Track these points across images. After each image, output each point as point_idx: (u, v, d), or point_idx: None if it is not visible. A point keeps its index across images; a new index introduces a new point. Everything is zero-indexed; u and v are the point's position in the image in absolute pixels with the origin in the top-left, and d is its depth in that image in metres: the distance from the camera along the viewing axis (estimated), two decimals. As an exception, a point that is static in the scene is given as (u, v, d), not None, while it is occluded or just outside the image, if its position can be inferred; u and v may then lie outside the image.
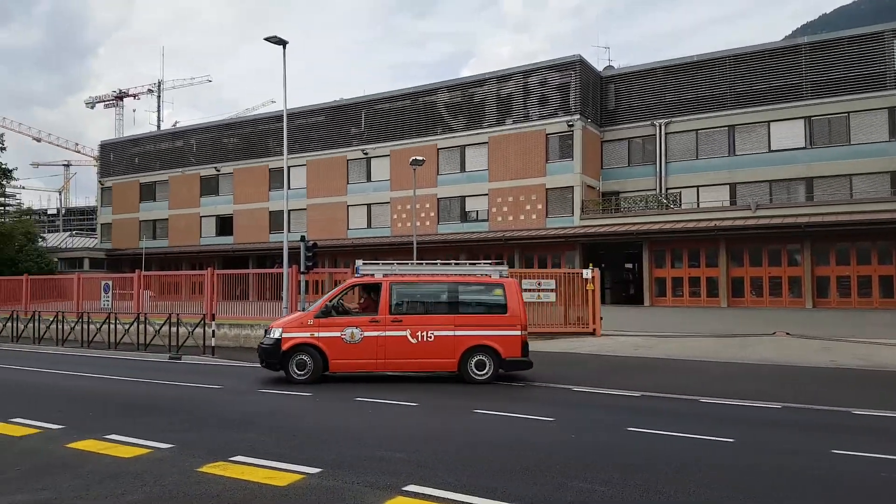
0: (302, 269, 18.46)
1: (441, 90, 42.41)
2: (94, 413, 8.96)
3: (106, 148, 60.59)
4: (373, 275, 12.19)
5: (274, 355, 11.74)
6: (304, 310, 14.54)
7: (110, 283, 23.06)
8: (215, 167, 51.43)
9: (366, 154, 44.48)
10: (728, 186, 36.95)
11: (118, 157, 58.44)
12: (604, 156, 40.61)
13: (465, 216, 41.43)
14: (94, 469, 6.03)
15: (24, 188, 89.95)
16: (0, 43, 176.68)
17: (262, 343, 12.26)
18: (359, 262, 12.53)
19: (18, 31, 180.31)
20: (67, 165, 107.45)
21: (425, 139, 42.21)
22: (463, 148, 41.35)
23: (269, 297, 20.22)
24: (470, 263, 12.76)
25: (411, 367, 11.90)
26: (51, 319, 21.50)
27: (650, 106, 39.14)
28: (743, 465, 6.28)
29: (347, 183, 45.41)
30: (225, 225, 51.16)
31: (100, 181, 60.09)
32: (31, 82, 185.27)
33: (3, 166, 51.48)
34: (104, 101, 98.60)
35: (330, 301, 12.12)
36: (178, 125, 65.02)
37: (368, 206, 44.62)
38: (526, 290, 18.77)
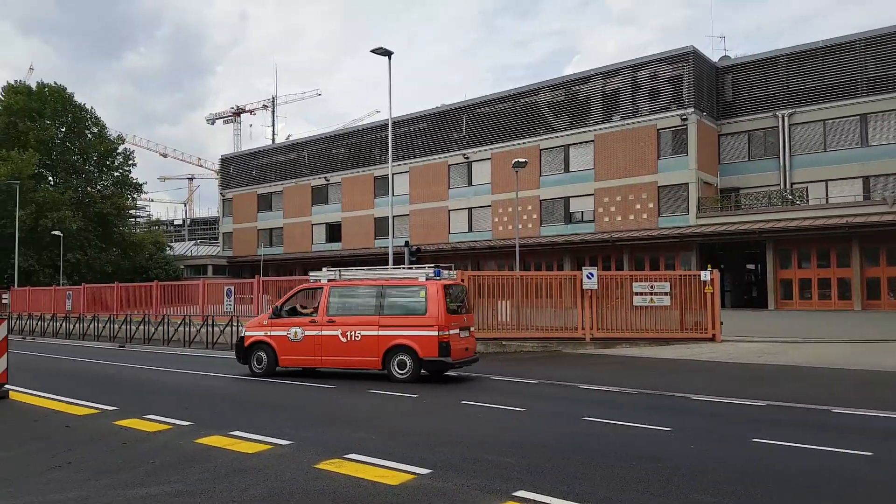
0: (407, 274, 18.74)
1: (544, 90, 41.89)
2: (220, 410, 9.46)
3: (226, 162, 64.66)
4: (319, 280, 13.30)
5: (240, 351, 13.50)
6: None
7: (232, 288, 24.41)
8: (325, 177, 53.55)
9: (467, 158, 44.72)
10: (861, 180, 34.02)
11: (237, 169, 62.17)
12: (721, 150, 38.54)
13: (569, 217, 40.62)
14: (220, 464, 6.33)
15: (153, 201, 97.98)
16: (129, 65, 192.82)
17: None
18: (324, 269, 13.52)
19: (144, 53, 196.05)
20: (191, 179, 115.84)
21: (527, 140, 41.85)
22: (567, 147, 40.59)
23: (376, 301, 20.67)
24: (417, 268, 13.18)
25: (342, 365, 12.75)
26: (178, 322, 23.10)
27: (772, 96, 36.73)
28: (881, 482, 5.72)
29: (448, 188, 45.86)
30: (334, 232, 53.12)
31: (221, 193, 64.18)
32: (157, 101, 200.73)
33: (134, 181, 56.20)
34: (223, 118, 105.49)
35: (281, 304, 13.51)
36: (290, 138, 68.32)
37: (469, 209, 44.81)
38: (637, 294, 18.16)
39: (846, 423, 8.41)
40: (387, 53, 19.63)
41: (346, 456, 6.48)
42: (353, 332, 12.44)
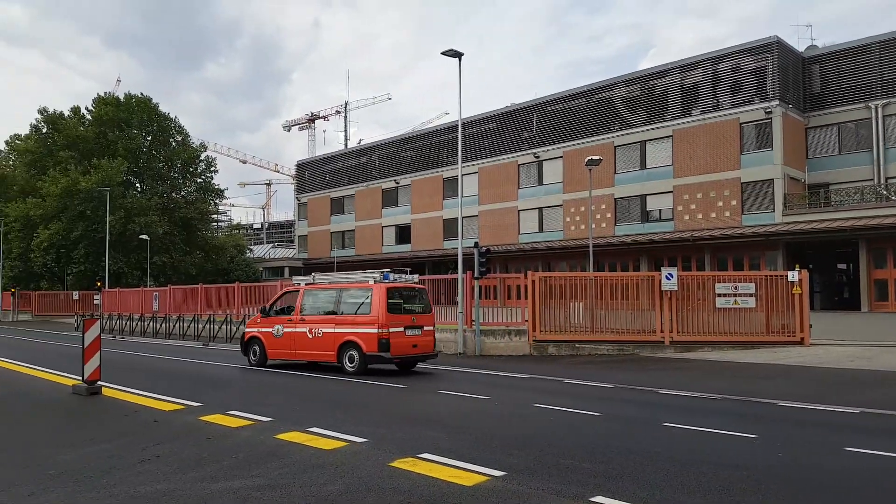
0: (476, 275, 18.73)
1: (618, 85, 40.92)
2: (297, 407, 9.70)
3: (301, 167, 66.56)
4: (299, 284, 15.47)
5: (242, 345, 15.98)
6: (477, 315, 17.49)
7: (306, 288, 25.04)
8: (395, 180, 54.27)
9: (537, 157, 44.25)
10: (966, 173, 31.56)
11: (312, 174, 63.88)
12: (809, 144, 36.55)
13: (646, 216, 39.49)
14: (299, 459, 6.48)
15: (233, 206, 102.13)
16: (210, 75, 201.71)
17: None
18: (313, 274, 15.63)
19: (224, 63, 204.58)
20: (269, 184, 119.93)
21: (601, 137, 40.98)
22: (643, 144, 39.49)
23: (443, 301, 20.76)
24: (371, 272, 14.51)
25: (309, 357, 14.67)
26: (258, 322, 23.89)
27: (864, 86, 34.54)
28: None
29: (518, 188, 45.51)
30: (403, 234, 53.74)
31: (296, 197, 66.10)
32: (236, 110, 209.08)
33: (216, 187, 58.63)
34: (298, 124, 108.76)
35: (270, 305, 15.93)
36: (361, 142, 69.67)
37: (539, 209, 44.31)
38: (720, 295, 17.51)
39: (954, 433, 7.80)
40: (457, 55, 19.68)
41: (419, 455, 6.50)
42: (317, 329, 14.38)
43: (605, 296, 18.32)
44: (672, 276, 17.70)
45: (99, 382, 11.07)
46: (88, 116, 54.24)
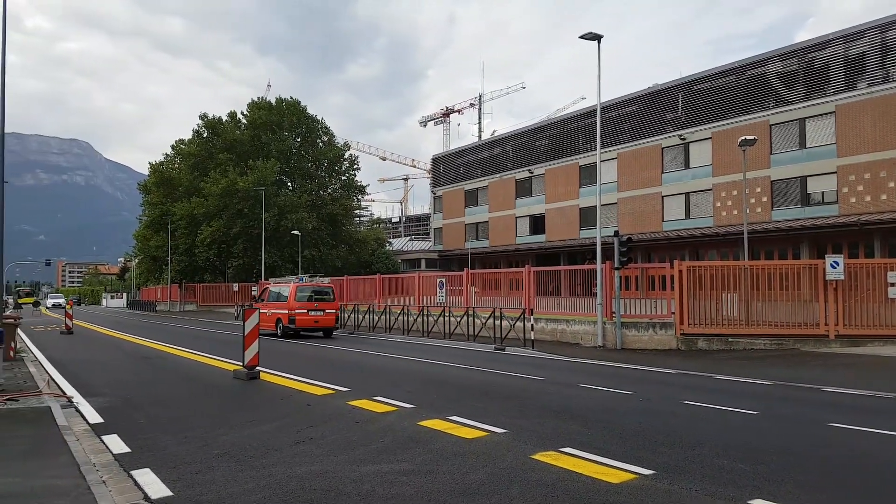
0: (616, 265, 18.06)
1: (773, 60, 37.64)
2: (437, 395, 9.88)
3: (437, 161, 67.95)
4: (269, 282, 24.46)
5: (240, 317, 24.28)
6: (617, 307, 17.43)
7: (444, 280, 25.58)
8: (528, 169, 53.81)
9: (683, 139, 41.85)
10: None
11: (446, 168, 65.04)
12: None
13: (806, 199, 36.11)
14: (442, 447, 6.58)
15: (374, 201, 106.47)
16: (351, 76, 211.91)
17: None
18: (271, 280, 25.13)
19: (364, 64, 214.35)
20: (406, 179, 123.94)
21: (754, 116, 37.97)
22: (802, 121, 36.10)
23: (580, 292, 20.24)
24: (295, 277, 24.30)
25: (266, 328, 21.37)
26: (398, 312, 24.75)
27: None
28: None
29: (662, 172, 43.33)
30: (537, 224, 53.18)
31: (432, 191, 67.59)
32: (375, 108, 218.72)
33: (359, 184, 61.31)
34: (433, 119, 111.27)
35: (258, 296, 25.64)
36: (495, 134, 69.80)
37: (686, 194, 41.90)
38: (893, 285, 15.71)
39: None
40: (596, 38, 18.97)
41: (561, 449, 6.38)
42: (269, 311, 23.28)
43: (762, 286, 16.98)
44: (838, 264, 16.16)
45: (257, 367, 11.95)
46: (244, 120, 58.73)
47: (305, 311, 22.16)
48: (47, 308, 59.40)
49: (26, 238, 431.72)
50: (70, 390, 10.58)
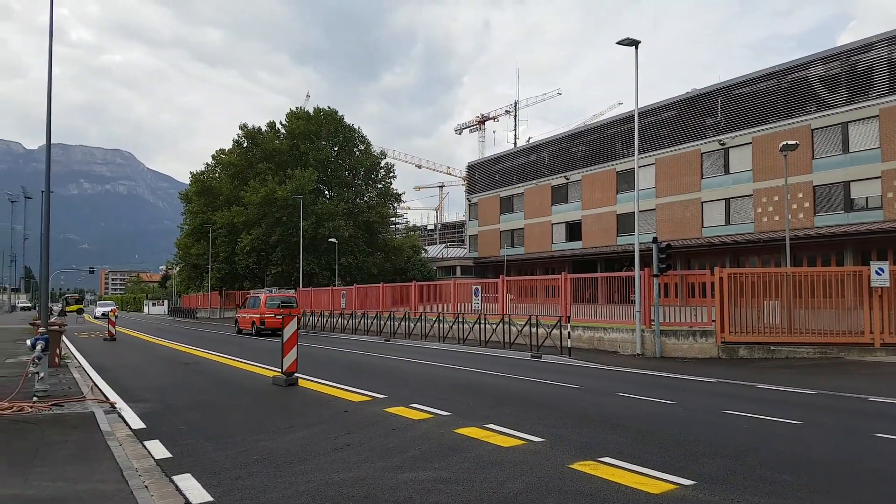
0: (655, 272, 17.78)
1: (814, 63, 36.77)
2: (473, 403, 9.84)
3: (472, 168, 68.01)
4: (249, 292, 32.39)
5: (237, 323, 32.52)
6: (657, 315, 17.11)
7: (479, 287, 25.52)
8: (565, 176, 53.47)
9: (723, 144, 41.09)
10: None
11: (482, 175, 65.03)
12: None
13: (850, 205, 35.11)
14: (478, 455, 6.55)
15: (409, 209, 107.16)
16: (387, 85, 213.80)
17: None
18: (252, 291, 34.99)
19: (399, 73, 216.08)
20: (441, 186, 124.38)
21: (795, 121, 37.10)
22: (845, 125, 35.15)
23: (617, 300, 19.95)
24: (266, 289, 35.26)
25: (244, 328, 30.68)
26: (433, 320, 24.77)
27: None
28: None
29: (701, 178, 42.61)
30: (574, 230, 52.76)
31: (467, 198, 67.64)
32: (410, 116, 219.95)
33: (395, 192, 61.72)
34: (469, 127, 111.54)
35: (242, 303, 32.75)
36: (530, 140, 69.57)
37: (726, 200, 41.09)
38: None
39: None
40: (633, 43, 18.74)
41: (600, 459, 6.30)
42: (247, 315, 30.44)
43: (803, 293, 16.53)
44: (883, 271, 15.68)
45: (296, 374, 12.08)
46: (282, 130, 59.73)
47: (272, 315, 28.64)
48: (95, 317, 61.02)
49: (71, 246, 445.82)
50: (113, 396, 10.85)
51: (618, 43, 18.92)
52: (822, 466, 6.08)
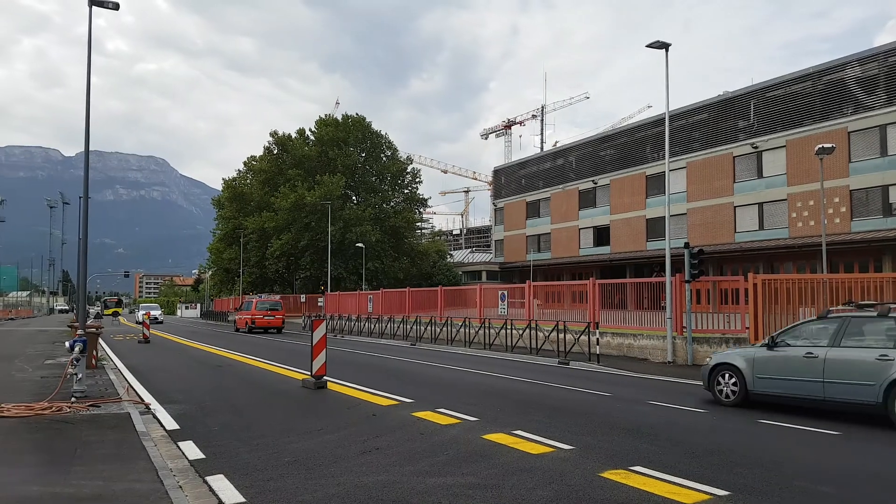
0: (687, 278, 17.52)
1: (851, 64, 35.96)
2: (501, 409, 9.80)
3: (498, 173, 67.89)
4: (244, 297, 41.79)
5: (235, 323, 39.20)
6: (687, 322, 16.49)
7: (506, 292, 25.43)
8: (592, 180, 53.05)
9: (756, 148, 40.38)
10: None
11: (508, 179, 64.88)
12: None
13: (889, 209, 34.22)
14: (507, 461, 6.52)
15: (435, 214, 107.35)
16: (414, 91, 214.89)
17: None
18: (243, 296, 42.60)
19: (426, 79, 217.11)
20: (467, 191, 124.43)
21: (831, 123, 36.32)
22: (883, 128, 34.26)
23: (646, 306, 19.69)
24: (255, 294, 40.42)
25: (242, 327, 36.44)
26: (459, 324, 24.75)
27: None
28: None
29: (734, 182, 41.90)
30: (602, 235, 52.29)
31: (493, 203, 67.49)
32: (437, 121, 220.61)
33: (421, 197, 61.91)
34: (495, 132, 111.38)
35: (240, 306, 39.55)
36: (557, 145, 69.24)
37: (760, 205, 40.34)
38: None
39: None
40: (663, 46, 18.55)
41: (631, 468, 6.22)
42: (242, 317, 36.47)
43: (840, 300, 16.12)
44: (928, 278, 15.15)
45: (325, 377, 12.17)
46: (312, 137, 60.37)
47: (262, 316, 34.96)
48: (137, 322, 62.21)
49: (107, 251, 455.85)
50: (147, 397, 11.04)
51: (647, 46, 18.75)
52: (865, 480, 5.92)
